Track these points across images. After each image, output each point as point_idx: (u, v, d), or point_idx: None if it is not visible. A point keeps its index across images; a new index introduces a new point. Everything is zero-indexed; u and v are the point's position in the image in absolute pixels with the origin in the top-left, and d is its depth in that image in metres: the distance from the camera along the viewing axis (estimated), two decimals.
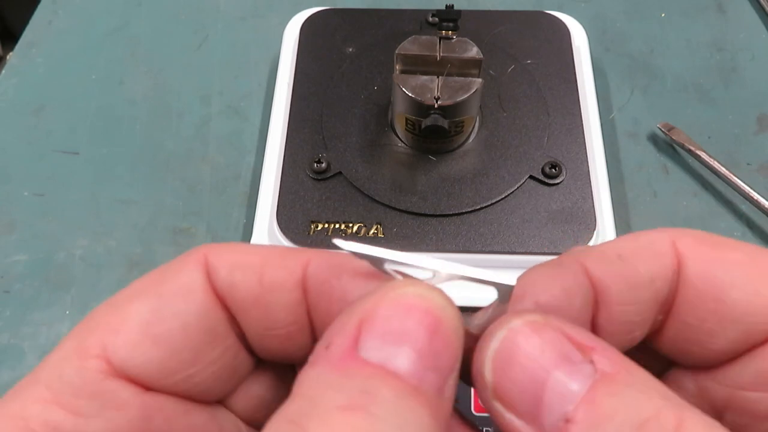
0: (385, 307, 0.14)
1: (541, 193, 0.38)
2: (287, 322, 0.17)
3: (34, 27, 0.52)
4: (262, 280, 0.17)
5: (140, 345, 0.16)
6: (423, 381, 0.13)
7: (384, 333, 0.14)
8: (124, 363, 0.16)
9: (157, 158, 0.44)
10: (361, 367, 0.13)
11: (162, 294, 0.16)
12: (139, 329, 0.16)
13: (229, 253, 0.17)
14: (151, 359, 0.16)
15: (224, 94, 0.48)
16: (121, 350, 0.16)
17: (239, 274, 0.17)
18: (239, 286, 0.17)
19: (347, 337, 0.14)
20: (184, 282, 0.17)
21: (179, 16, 0.52)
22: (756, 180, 0.41)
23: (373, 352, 0.13)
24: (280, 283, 0.17)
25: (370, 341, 0.14)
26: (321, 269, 0.17)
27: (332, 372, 0.13)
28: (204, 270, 0.17)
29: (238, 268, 0.17)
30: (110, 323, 0.16)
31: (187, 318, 0.16)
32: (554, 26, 0.45)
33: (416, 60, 0.36)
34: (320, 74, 0.43)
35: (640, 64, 0.48)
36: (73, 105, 0.47)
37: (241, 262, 0.17)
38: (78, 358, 0.16)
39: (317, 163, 0.38)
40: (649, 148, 0.44)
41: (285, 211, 0.37)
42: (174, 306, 0.16)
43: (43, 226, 0.41)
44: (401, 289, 0.15)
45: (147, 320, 0.16)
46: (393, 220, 0.37)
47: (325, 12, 0.46)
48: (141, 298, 0.16)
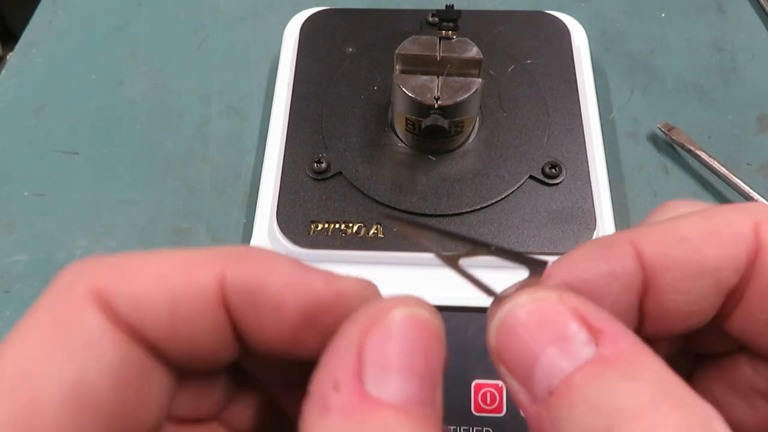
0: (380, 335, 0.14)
1: (541, 193, 0.38)
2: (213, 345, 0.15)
3: (34, 27, 0.52)
4: (175, 311, 0.15)
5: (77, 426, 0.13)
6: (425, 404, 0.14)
7: (385, 363, 0.14)
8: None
9: (157, 158, 0.44)
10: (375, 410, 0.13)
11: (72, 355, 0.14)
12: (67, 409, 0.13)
13: (126, 282, 0.15)
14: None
15: (224, 94, 0.48)
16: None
17: (144, 309, 0.15)
18: (147, 320, 0.15)
19: (352, 373, 0.13)
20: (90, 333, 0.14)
21: (179, 16, 0.52)
22: (756, 180, 0.41)
23: (379, 387, 0.13)
24: (196, 310, 0.15)
25: (374, 374, 0.13)
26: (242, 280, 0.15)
27: (349, 420, 0.13)
28: (101, 306, 0.14)
29: (141, 301, 0.15)
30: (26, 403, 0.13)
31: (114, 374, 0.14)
32: (554, 26, 0.45)
33: (416, 60, 0.36)
34: (320, 74, 0.43)
35: (640, 64, 0.48)
36: (73, 105, 0.47)
37: (144, 292, 0.15)
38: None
39: (317, 163, 0.38)
40: (649, 148, 0.44)
41: (285, 211, 0.37)
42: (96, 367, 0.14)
43: (43, 226, 0.41)
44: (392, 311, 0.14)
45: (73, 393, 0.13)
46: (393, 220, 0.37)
47: (325, 12, 0.46)
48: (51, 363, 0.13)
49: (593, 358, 0.13)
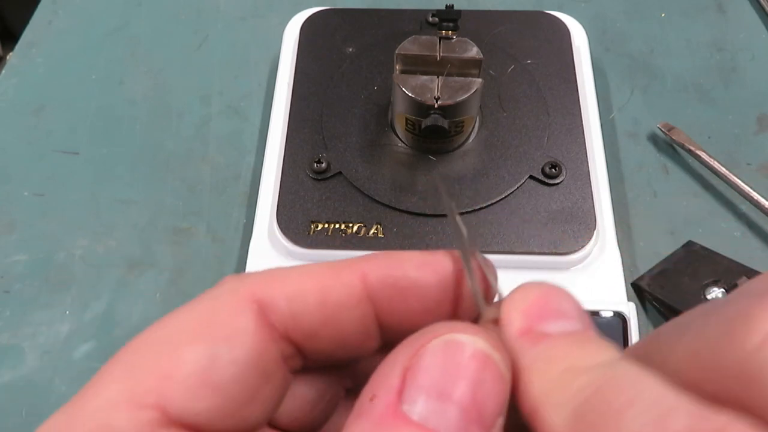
0: (429, 357, 0.14)
1: (541, 193, 0.38)
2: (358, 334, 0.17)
3: (34, 27, 0.52)
4: (325, 303, 0.17)
5: (198, 393, 0.15)
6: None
7: (428, 387, 0.13)
8: (182, 412, 0.15)
9: (157, 158, 0.44)
10: (402, 426, 0.13)
11: (215, 338, 0.16)
12: (197, 377, 0.15)
13: (281, 285, 0.17)
14: (208, 407, 0.15)
15: (224, 94, 0.48)
16: (178, 399, 0.15)
17: (299, 305, 0.17)
18: (302, 316, 0.17)
19: (390, 390, 0.14)
20: (237, 325, 0.16)
21: (179, 16, 0.52)
22: (756, 180, 0.41)
23: (416, 407, 0.13)
24: (344, 302, 0.17)
25: (414, 395, 0.13)
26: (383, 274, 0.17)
27: (373, 429, 0.13)
28: (255, 309, 0.16)
29: (296, 298, 0.17)
30: (163, 369, 0.15)
31: (243, 364, 0.16)
32: (554, 26, 0.45)
33: (416, 60, 0.36)
34: (320, 74, 0.43)
35: (640, 64, 0.48)
36: (73, 105, 0.47)
37: (298, 291, 0.17)
38: (130, 407, 0.15)
39: (317, 163, 0.38)
40: (649, 148, 0.44)
41: (285, 211, 0.37)
42: (231, 352, 0.16)
43: (43, 226, 0.41)
44: (447, 335, 0.14)
45: (204, 367, 0.15)
46: (393, 220, 0.37)
47: (325, 12, 0.46)
48: (192, 341, 0.16)
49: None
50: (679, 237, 0.40)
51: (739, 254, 0.38)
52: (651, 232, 0.40)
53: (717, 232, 0.40)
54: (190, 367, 0.15)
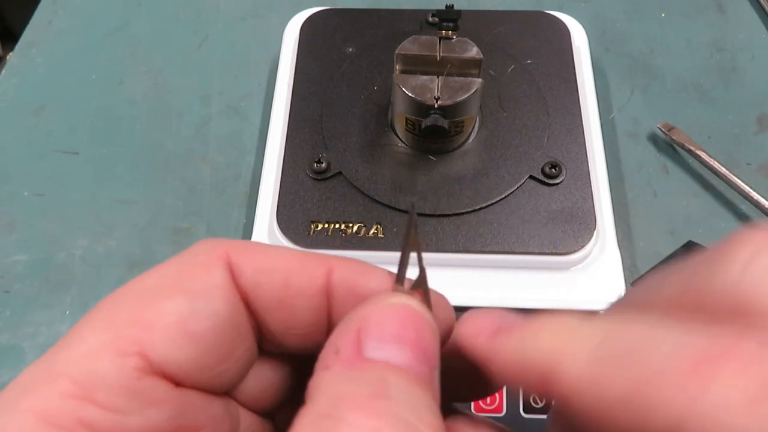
0: (377, 315, 0.16)
1: (541, 193, 0.38)
2: (308, 323, 0.18)
3: (34, 27, 0.52)
4: (288, 285, 0.18)
5: (178, 342, 0.16)
6: (420, 371, 0.15)
7: (381, 336, 0.15)
8: (163, 360, 0.16)
9: (157, 158, 0.44)
10: (372, 364, 0.15)
11: (194, 292, 0.17)
12: (177, 326, 0.16)
13: (252, 255, 0.18)
14: (188, 357, 0.16)
15: (224, 94, 0.48)
16: (160, 347, 0.16)
17: (264, 277, 0.18)
18: (264, 287, 0.18)
19: (351, 342, 0.15)
20: (213, 280, 0.17)
21: (179, 16, 0.52)
22: (756, 180, 0.41)
23: (375, 353, 0.15)
24: (305, 288, 0.18)
25: (371, 344, 0.15)
26: (347, 277, 0.18)
27: (349, 371, 0.15)
28: (228, 268, 0.17)
29: (262, 271, 0.18)
30: (144, 319, 0.16)
31: (220, 317, 0.17)
32: (554, 26, 0.45)
33: (416, 60, 0.36)
34: (320, 74, 0.43)
35: (640, 64, 0.48)
36: (73, 105, 0.47)
37: (265, 265, 0.18)
38: (113, 354, 0.15)
39: (317, 163, 0.38)
40: (649, 148, 0.44)
41: (285, 211, 0.37)
42: (208, 304, 0.17)
43: (43, 226, 0.41)
44: (388, 299, 0.16)
45: (184, 317, 0.16)
46: (393, 220, 0.37)
47: (325, 12, 0.46)
48: (172, 294, 0.16)
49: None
50: (679, 237, 0.40)
51: None
52: (651, 232, 0.40)
53: (717, 232, 0.40)
54: (171, 318, 0.16)
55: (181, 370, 0.16)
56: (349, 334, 0.16)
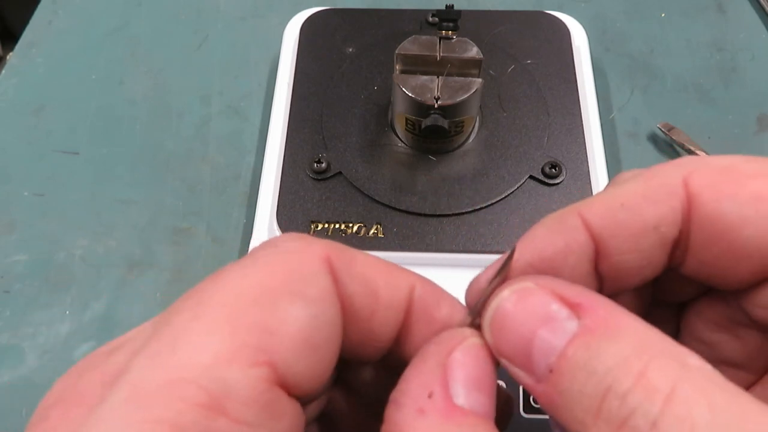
0: (464, 357, 0.16)
1: (541, 193, 0.38)
2: (389, 338, 0.18)
3: (34, 27, 0.52)
4: (378, 296, 0.17)
5: (302, 353, 0.15)
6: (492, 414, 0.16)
7: (467, 382, 0.16)
8: (288, 371, 0.15)
9: (157, 158, 0.44)
10: (463, 416, 0.15)
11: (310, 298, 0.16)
12: (301, 335, 0.15)
13: (349, 261, 0.17)
14: (307, 368, 0.15)
15: (224, 94, 0.48)
16: (285, 357, 0.15)
17: (358, 285, 0.17)
18: (356, 298, 0.17)
19: (442, 386, 0.16)
20: (325, 286, 0.16)
21: (179, 16, 0.52)
22: None
23: (463, 400, 0.15)
24: (394, 303, 0.18)
25: (458, 389, 0.16)
26: (425, 296, 0.18)
27: (444, 422, 0.15)
28: (331, 273, 0.17)
29: (359, 279, 0.17)
30: (265, 324, 0.15)
31: (335, 326, 0.16)
32: (554, 26, 0.45)
33: (416, 60, 0.36)
34: (320, 74, 0.43)
35: (640, 64, 0.48)
36: (73, 105, 0.47)
37: (363, 273, 0.17)
38: (243, 364, 0.14)
39: (317, 163, 0.38)
40: (649, 148, 0.44)
41: (285, 211, 0.37)
42: (326, 312, 0.16)
43: (43, 226, 0.41)
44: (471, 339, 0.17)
45: (306, 326, 0.15)
46: (393, 220, 0.37)
47: (325, 12, 0.46)
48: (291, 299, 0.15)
49: (579, 331, 0.15)
50: None
51: None
52: None
53: None
54: (294, 326, 0.15)
55: (302, 381, 0.15)
56: (437, 376, 0.16)
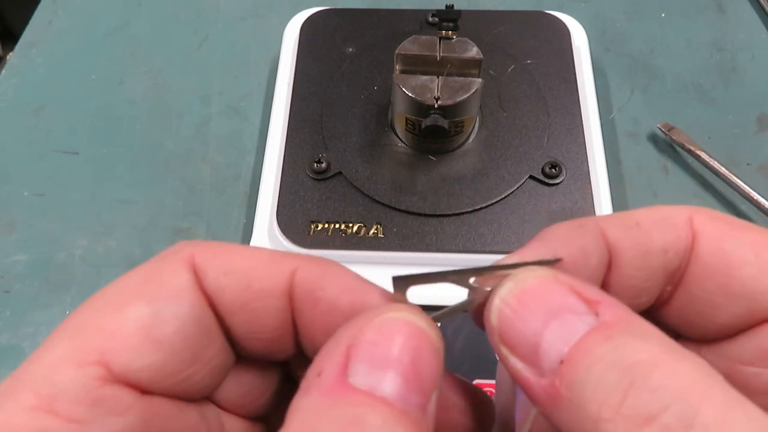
0: (371, 333, 0.15)
1: (541, 193, 0.38)
2: (272, 327, 0.17)
3: (34, 27, 0.52)
4: (250, 287, 0.17)
5: (141, 349, 0.16)
6: (408, 403, 0.14)
7: (371, 359, 0.14)
8: (126, 368, 0.16)
9: (157, 158, 0.44)
10: (351, 395, 0.14)
11: (156, 296, 0.16)
12: (139, 333, 0.16)
13: (216, 256, 0.17)
14: (151, 363, 0.16)
15: (224, 94, 0.48)
16: (122, 356, 0.16)
17: (227, 279, 0.17)
18: (226, 291, 0.17)
19: (336, 364, 0.14)
20: (177, 283, 0.17)
21: (179, 16, 0.52)
22: (756, 180, 0.41)
23: (361, 378, 0.14)
24: (267, 291, 0.17)
25: (358, 367, 0.14)
26: (308, 279, 0.17)
27: (324, 400, 0.14)
28: (193, 271, 0.17)
29: (225, 272, 0.17)
30: (105, 327, 0.16)
31: (185, 320, 0.16)
32: (554, 26, 0.45)
33: (416, 60, 0.36)
34: (320, 74, 0.43)
35: (640, 64, 0.48)
36: (73, 105, 0.47)
37: (229, 266, 0.17)
38: (74, 365, 0.15)
39: (317, 163, 0.38)
40: (649, 148, 0.44)
41: (285, 211, 0.37)
42: (171, 309, 0.16)
43: (43, 226, 0.41)
44: (386, 314, 0.15)
45: (146, 324, 0.16)
46: (393, 220, 0.37)
47: (325, 12, 0.46)
48: (135, 301, 0.16)
49: (598, 325, 0.14)
50: None
51: None
52: None
53: None
54: (132, 324, 0.16)
55: (146, 377, 0.16)
56: (335, 354, 0.15)
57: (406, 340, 0.15)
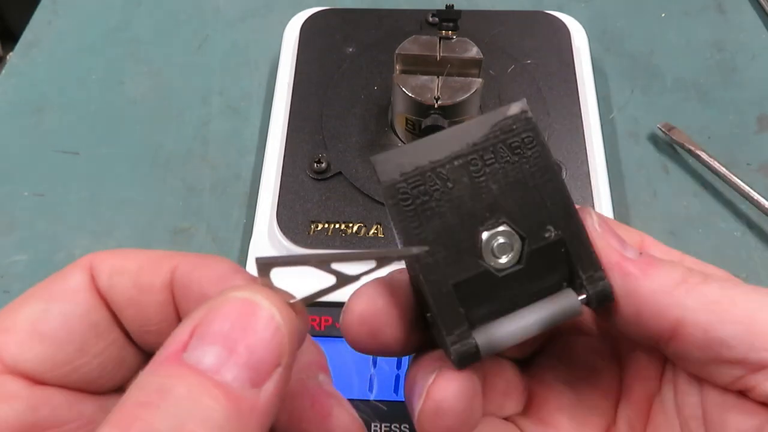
0: (211, 312, 0.15)
1: None
2: (157, 320, 0.19)
3: (34, 27, 0.52)
4: (136, 283, 0.19)
5: (28, 342, 0.17)
6: (228, 376, 0.14)
7: (203, 335, 0.15)
8: (14, 359, 0.17)
9: (157, 158, 0.44)
10: (172, 367, 0.14)
11: (49, 297, 0.18)
12: (27, 328, 0.18)
13: (110, 259, 0.19)
14: (37, 355, 0.17)
15: (224, 94, 0.48)
16: (11, 348, 0.17)
17: (116, 278, 0.19)
18: (116, 288, 0.19)
19: (176, 342, 0.15)
20: (69, 285, 0.19)
21: (179, 16, 0.52)
22: (756, 180, 0.41)
23: (195, 354, 0.15)
24: (150, 286, 0.19)
25: (194, 343, 0.15)
26: (185, 272, 0.19)
27: (147, 373, 0.15)
28: (88, 273, 0.19)
29: (116, 272, 0.19)
30: (1, 325, 0.18)
31: (71, 316, 0.18)
32: (554, 26, 0.45)
33: (416, 60, 0.36)
34: (320, 74, 0.43)
35: (640, 64, 0.48)
36: (73, 105, 0.47)
37: (119, 267, 0.19)
38: None
39: (317, 163, 0.38)
40: (649, 148, 0.44)
41: (285, 211, 0.37)
42: (59, 306, 0.18)
43: (43, 226, 0.41)
44: (228, 293, 0.16)
45: (35, 320, 0.18)
46: None
47: (325, 12, 0.46)
48: (30, 301, 0.18)
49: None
50: (679, 237, 0.40)
51: (739, 254, 0.38)
52: (651, 232, 0.40)
53: (717, 232, 0.40)
54: (22, 321, 0.18)
55: (32, 368, 0.17)
56: (178, 333, 0.15)
57: (237, 316, 0.15)
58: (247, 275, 0.19)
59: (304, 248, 0.36)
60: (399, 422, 0.33)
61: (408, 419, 0.32)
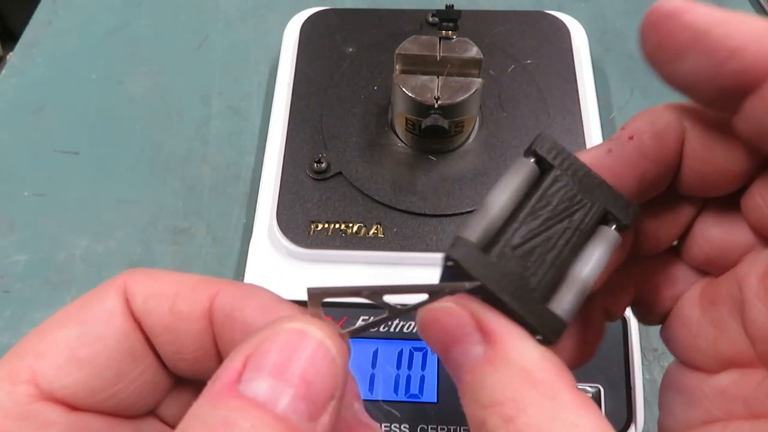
0: (266, 342, 0.15)
1: None
2: (193, 348, 0.19)
3: (34, 27, 0.52)
4: (172, 310, 0.18)
5: (66, 368, 0.17)
6: (287, 410, 0.14)
7: (260, 366, 0.15)
8: (52, 386, 0.17)
9: (157, 158, 0.44)
10: (231, 400, 0.14)
11: (85, 320, 0.18)
12: (65, 354, 0.17)
13: (145, 282, 0.19)
14: (76, 381, 0.17)
15: (224, 94, 0.48)
16: (49, 374, 0.17)
17: (152, 302, 0.18)
18: (152, 313, 0.18)
19: (230, 372, 0.15)
20: (105, 308, 0.18)
21: (179, 16, 0.52)
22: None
23: (249, 385, 0.14)
24: (188, 313, 0.18)
25: (250, 374, 0.15)
26: (226, 301, 0.18)
27: (206, 405, 0.14)
28: (123, 296, 0.18)
29: (152, 296, 0.18)
30: (38, 349, 0.17)
31: (109, 341, 0.18)
32: (554, 26, 0.45)
33: (416, 60, 0.36)
34: (320, 74, 0.43)
35: (640, 64, 0.48)
36: (73, 105, 0.47)
37: (155, 291, 0.18)
38: (7, 384, 0.17)
39: (317, 163, 0.38)
40: None
41: (285, 211, 0.37)
42: (96, 330, 0.18)
43: (43, 226, 0.41)
44: (283, 324, 0.16)
45: (72, 345, 0.17)
46: (393, 220, 0.37)
47: (325, 12, 0.46)
48: (66, 324, 0.18)
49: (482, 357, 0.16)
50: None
51: None
52: None
53: None
54: (59, 346, 0.17)
55: (71, 394, 0.17)
56: (232, 362, 0.15)
57: (292, 348, 0.15)
58: (293, 305, 0.18)
59: (304, 248, 0.36)
60: (399, 422, 0.33)
61: (408, 419, 0.33)
